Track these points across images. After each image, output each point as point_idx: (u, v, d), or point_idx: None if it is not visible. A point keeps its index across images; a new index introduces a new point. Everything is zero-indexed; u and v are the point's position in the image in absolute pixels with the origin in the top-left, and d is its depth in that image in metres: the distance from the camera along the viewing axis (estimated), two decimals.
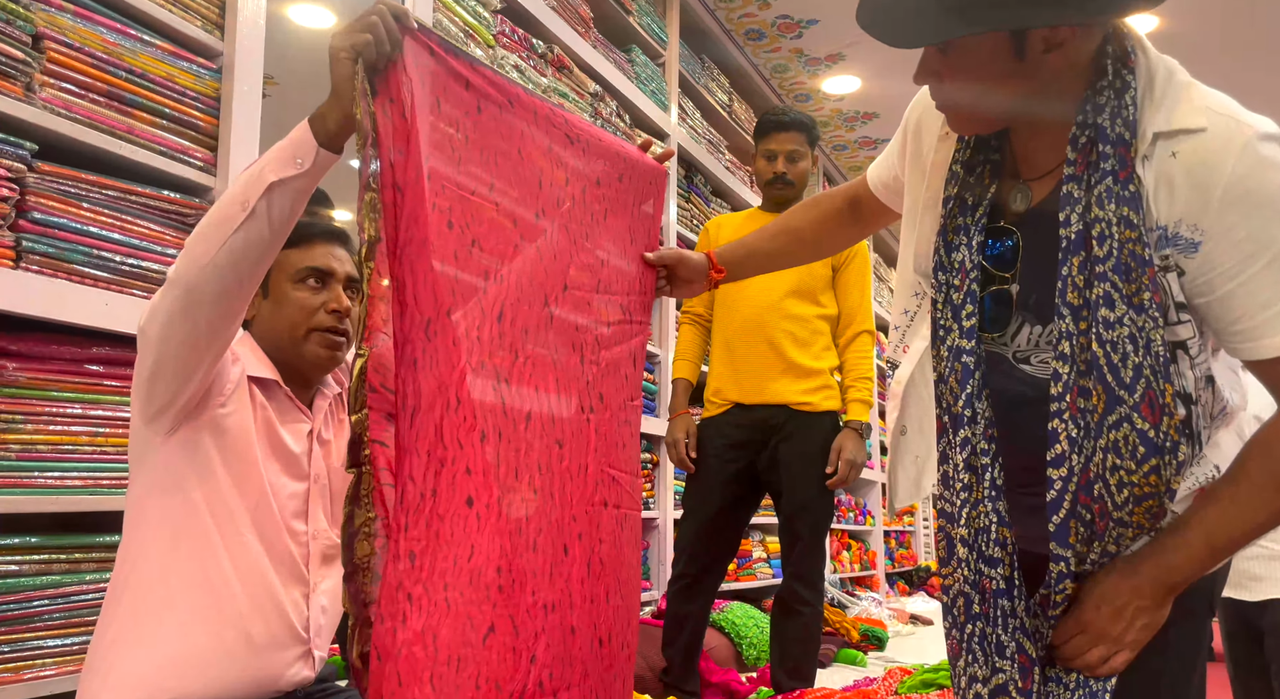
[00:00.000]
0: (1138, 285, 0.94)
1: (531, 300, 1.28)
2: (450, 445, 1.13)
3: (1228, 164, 0.91)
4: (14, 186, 1.62)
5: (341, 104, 1.09)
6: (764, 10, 4.62)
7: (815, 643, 2.69)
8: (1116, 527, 1.00)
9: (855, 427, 2.65)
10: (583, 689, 1.26)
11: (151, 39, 1.87)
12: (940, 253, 1.11)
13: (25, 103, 1.65)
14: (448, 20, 2.68)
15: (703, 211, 4.46)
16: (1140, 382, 0.95)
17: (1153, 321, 0.94)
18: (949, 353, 1.09)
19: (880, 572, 6.37)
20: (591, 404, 1.36)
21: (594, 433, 1.35)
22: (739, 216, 2.90)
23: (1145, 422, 0.95)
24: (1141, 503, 0.98)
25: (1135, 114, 0.96)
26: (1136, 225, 0.94)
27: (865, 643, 4.26)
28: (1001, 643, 1.04)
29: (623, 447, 1.41)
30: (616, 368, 1.42)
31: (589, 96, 3.48)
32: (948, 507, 1.10)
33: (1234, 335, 0.96)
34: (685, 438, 2.70)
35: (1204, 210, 0.93)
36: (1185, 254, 0.95)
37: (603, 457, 1.36)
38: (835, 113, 5.75)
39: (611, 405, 1.39)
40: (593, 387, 1.36)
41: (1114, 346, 0.95)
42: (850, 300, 2.73)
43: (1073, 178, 0.99)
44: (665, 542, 3.76)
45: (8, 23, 1.63)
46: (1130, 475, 0.97)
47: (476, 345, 1.18)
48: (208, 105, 1.97)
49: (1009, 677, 1.04)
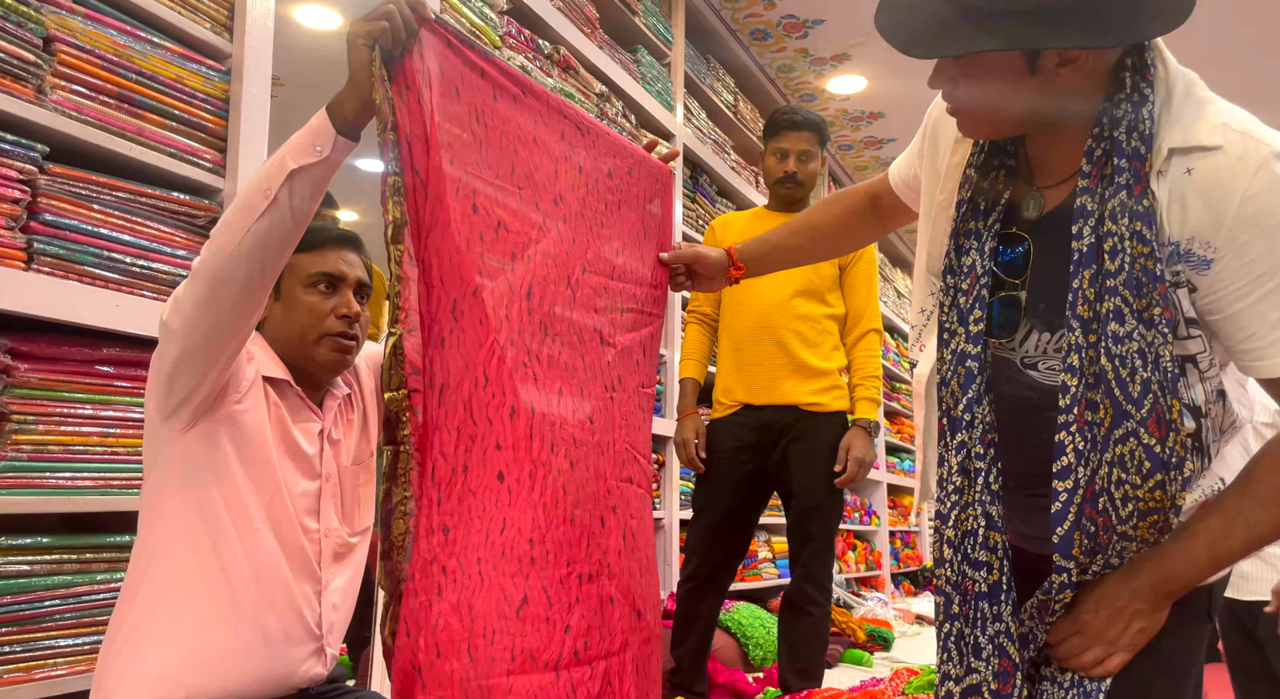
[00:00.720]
0: (1148, 300, 0.94)
1: (558, 281, 1.30)
2: (480, 422, 1.15)
3: (1242, 184, 0.91)
4: (25, 189, 1.63)
5: (359, 91, 1.12)
6: (769, 10, 4.62)
7: (824, 643, 2.69)
8: (1120, 540, 1.00)
9: (863, 425, 2.65)
10: (621, 659, 1.27)
11: (161, 41, 1.88)
12: (950, 256, 1.11)
13: (36, 105, 1.66)
14: (454, 21, 2.69)
15: (708, 212, 4.46)
16: (1148, 397, 0.95)
17: (1162, 337, 0.94)
18: (953, 356, 1.09)
19: (886, 572, 6.36)
20: (613, 383, 1.38)
21: (618, 411, 1.38)
22: (745, 215, 2.90)
23: (1152, 437, 0.95)
24: (1146, 517, 0.98)
25: (1152, 128, 0.96)
26: (1149, 241, 0.94)
27: (871, 643, 4.25)
28: (979, 645, 1.05)
29: (639, 429, 1.43)
30: (630, 353, 1.44)
31: (595, 97, 3.48)
32: (941, 508, 1.11)
33: (1244, 353, 0.97)
34: (695, 438, 2.70)
35: (1217, 229, 0.92)
36: (1197, 271, 0.95)
37: (625, 436, 1.39)
38: (841, 112, 5.75)
39: (628, 387, 1.41)
40: (612, 367, 1.39)
41: (1123, 361, 0.95)
42: (857, 299, 2.73)
43: (1086, 190, 0.99)
44: (672, 543, 3.76)
45: (19, 25, 1.63)
46: (1135, 490, 0.97)
47: (505, 324, 1.20)
48: (217, 107, 1.97)
49: (983, 678, 1.04)
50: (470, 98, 1.20)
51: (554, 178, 1.32)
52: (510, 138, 1.25)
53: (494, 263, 1.20)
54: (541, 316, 1.26)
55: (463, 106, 1.19)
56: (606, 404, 1.35)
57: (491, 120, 1.23)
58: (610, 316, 1.40)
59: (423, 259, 1.11)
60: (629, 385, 1.42)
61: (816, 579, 2.64)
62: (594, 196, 1.39)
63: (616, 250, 1.42)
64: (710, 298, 2.84)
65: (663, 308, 1.53)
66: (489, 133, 1.22)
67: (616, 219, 1.43)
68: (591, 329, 1.36)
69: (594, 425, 1.31)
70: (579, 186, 1.37)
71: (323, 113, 1.16)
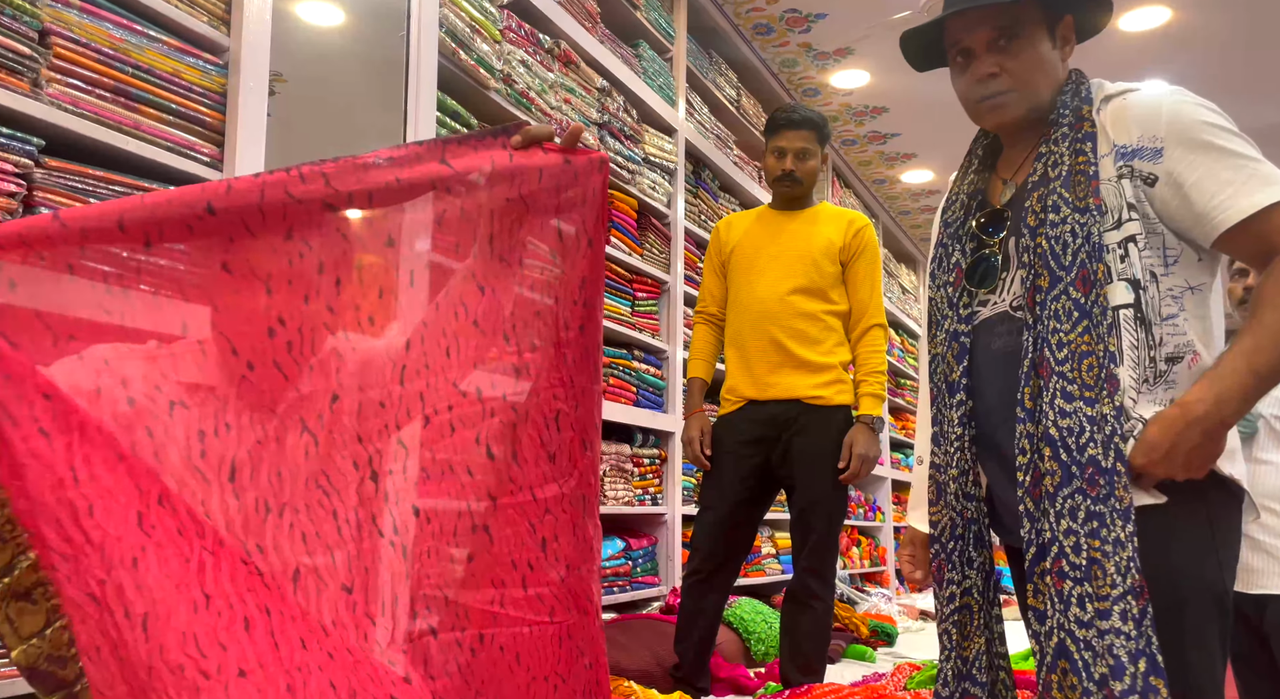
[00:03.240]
0: (1085, 192, 1.24)
1: (281, 438, 1.09)
2: (211, 652, 0.92)
3: (1165, 99, 1.25)
4: (21, 182, 1.62)
5: None
6: (772, 4, 4.60)
7: (826, 638, 2.69)
8: (1059, 380, 1.21)
9: (867, 421, 2.64)
10: None
11: (158, 34, 1.87)
12: (940, 258, 1.43)
13: (32, 98, 1.65)
14: (454, 15, 2.68)
15: (710, 207, 4.45)
16: (1076, 263, 1.22)
17: (1095, 219, 1.22)
18: (947, 336, 1.39)
19: (890, 567, 6.35)
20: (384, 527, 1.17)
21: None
22: (749, 215, 2.89)
23: (1079, 292, 1.22)
24: (1082, 361, 1.20)
25: (1089, 93, 1.32)
26: (1086, 153, 1.25)
27: (875, 639, 4.25)
28: (971, 557, 1.36)
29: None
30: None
31: (596, 92, 3.47)
32: (937, 459, 1.40)
33: (1210, 214, 1.19)
34: (700, 436, 2.70)
35: (1156, 124, 1.24)
36: (1152, 161, 1.23)
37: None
38: (844, 107, 5.73)
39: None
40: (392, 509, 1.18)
41: (1057, 240, 1.25)
42: (860, 294, 2.72)
43: (1044, 145, 1.32)
44: (674, 537, 3.75)
45: (14, 19, 1.63)
46: (1067, 336, 1.22)
47: (208, 522, 1.01)
48: (214, 101, 1.97)
49: (973, 582, 1.36)
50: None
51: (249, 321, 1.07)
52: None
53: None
54: (260, 495, 1.05)
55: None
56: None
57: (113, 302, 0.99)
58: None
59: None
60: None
61: (819, 573, 2.63)
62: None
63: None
64: (716, 297, 2.84)
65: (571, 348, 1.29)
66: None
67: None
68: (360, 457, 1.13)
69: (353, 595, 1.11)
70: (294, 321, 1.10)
71: None
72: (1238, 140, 1.21)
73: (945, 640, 1.37)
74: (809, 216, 2.78)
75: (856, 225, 2.74)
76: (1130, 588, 1.13)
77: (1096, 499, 1.17)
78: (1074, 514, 1.18)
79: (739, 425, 2.69)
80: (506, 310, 1.24)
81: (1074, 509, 1.18)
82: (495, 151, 1.19)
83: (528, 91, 3.02)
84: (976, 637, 1.35)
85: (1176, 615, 1.18)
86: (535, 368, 1.25)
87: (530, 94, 3.04)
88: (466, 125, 2.75)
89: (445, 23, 2.63)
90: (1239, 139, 1.22)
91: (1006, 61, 1.31)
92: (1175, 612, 1.18)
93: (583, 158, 1.24)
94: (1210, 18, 4.64)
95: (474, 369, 1.22)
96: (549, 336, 1.26)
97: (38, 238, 0.93)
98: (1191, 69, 5.12)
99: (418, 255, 1.17)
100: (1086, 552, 1.16)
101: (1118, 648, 1.13)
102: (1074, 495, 1.18)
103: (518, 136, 1.20)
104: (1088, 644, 1.15)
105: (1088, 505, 1.17)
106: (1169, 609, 1.17)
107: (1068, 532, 1.18)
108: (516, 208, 1.21)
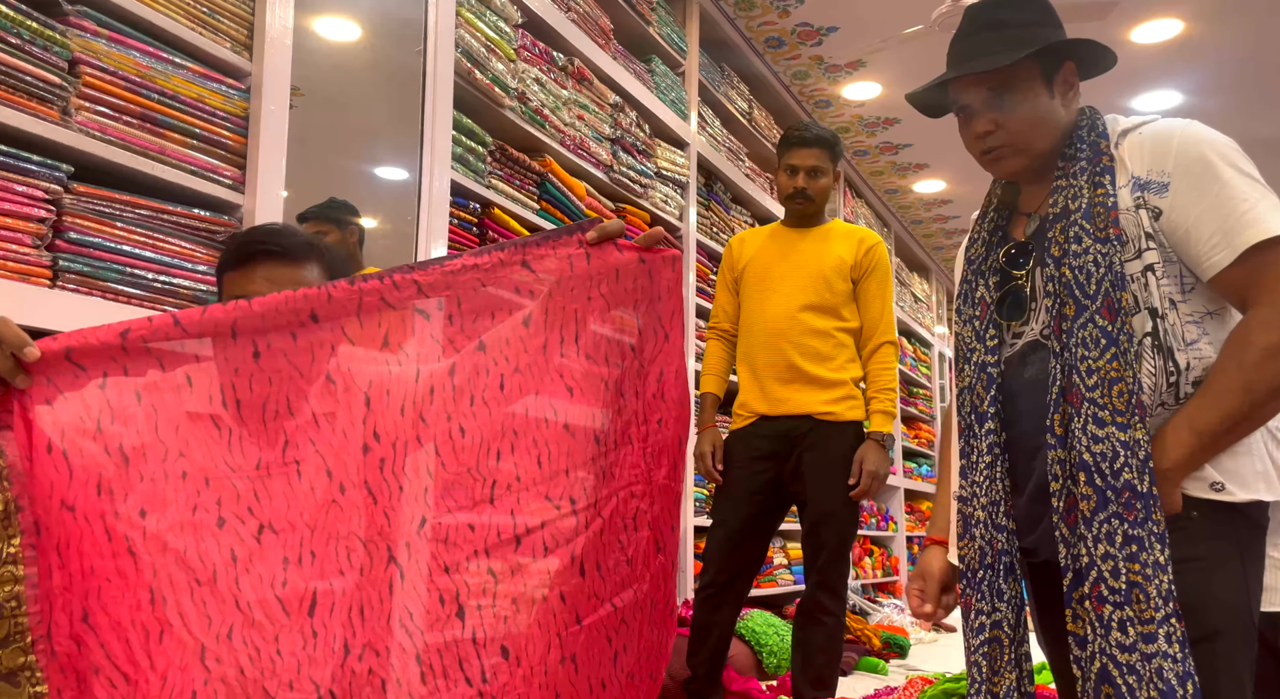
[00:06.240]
0: (1104, 222, 1.27)
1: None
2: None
3: (1177, 130, 1.29)
4: (51, 208, 1.66)
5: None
6: (784, 18, 4.63)
7: (838, 652, 2.70)
8: (1090, 406, 1.23)
9: (877, 438, 2.66)
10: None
11: (182, 61, 1.91)
12: (966, 294, 1.45)
13: (62, 126, 1.70)
14: (470, 36, 2.71)
15: (723, 219, 4.48)
16: (1101, 292, 1.25)
17: (1115, 249, 1.25)
18: (975, 368, 1.40)
19: (903, 578, 6.35)
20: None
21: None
22: (762, 232, 2.91)
23: (1104, 320, 1.24)
24: (1112, 387, 1.22)
25: (1104, 129, 1.35)
26: (1105, 185, 1.29)
27: (887, 651, 4.25)
28: (1001, 589, 1.33)
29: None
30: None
31: (609, 107, 3.50)
32: (964, 492, 1.39)
33: (1212, 251, 1.22)
34: (712, 451, 2.73)
35: (1165, 158, 1.27)
36: (1159, 195, 1.26)
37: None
38: (856, 119, 5.75)
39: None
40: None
41: (1081, 270, 1.27)
42: (871, 312, 2.74)
43: (1061, 178, 1.35)
44: (686, 549, 3.77)
45: (45, 49, 1.67)
46: (1096, 363, 1.24)
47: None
48: (237, 125, 2.01)
49: (1004, 616, 1.33)
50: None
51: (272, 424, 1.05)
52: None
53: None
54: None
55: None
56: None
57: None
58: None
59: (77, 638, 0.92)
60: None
61: (831, 587, 2.65)
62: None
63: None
64: (729, 313, 2.86)
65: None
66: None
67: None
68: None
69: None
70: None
71: None
72: (1241, 177, 1.23)
73: (975, 673, 1.36)
74: (821, 234, 2.80)
75: (868, 243, 2.76)
76: (1174, 611, 1.15)
77: (1134, 523, 1.17)
78: (1111, 539, 1.18)
79: (751, 440, 2.71)
80: (596, 410, 1.20)
81: (1111, 534, 1.19)
82: (573, 250, 1.20)
83: (542, 109, 3.06)
84: (1007, 673, 1.32)
85: (1208, 644, 1.18)
86: (618, 467, 1.21)
87: (544, 111, 3.07)
88: (481, 143, 2.79)
89: (461, 43, 2.67)
90: (1242, 175, 1.23)
91: (1002, 117, 1.35)
92: (1207, 641, 1.18)
93: (657, 255, 1.25)
94: (1222, 30, 4.65)
95: (565, 477, 1.16)
96: (633, 433, 1.23)
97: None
98: (1203, 81, 5.13)
99: (507, 359, 1.15)
100: (1126, 575, 1.17)
101: (1166, 671, 1.13)
102: (1110, 520, 1.19)
103: (592, 233, 1.21)
104: (1131, 668, 1.15)
105: (1125, 529, 1.18)
106: (1203, 639, 1.18)
107: (1105, 556, 1.19)
108: (597, 305, 1.21)
